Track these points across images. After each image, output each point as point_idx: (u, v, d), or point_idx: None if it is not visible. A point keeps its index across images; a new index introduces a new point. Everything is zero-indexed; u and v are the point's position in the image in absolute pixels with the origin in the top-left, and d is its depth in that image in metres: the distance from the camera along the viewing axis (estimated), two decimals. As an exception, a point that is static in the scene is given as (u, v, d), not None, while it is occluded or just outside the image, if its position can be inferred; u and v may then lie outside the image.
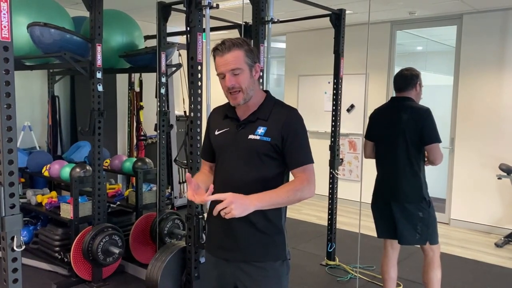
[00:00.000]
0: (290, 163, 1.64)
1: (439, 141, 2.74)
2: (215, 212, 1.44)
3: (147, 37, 4.46)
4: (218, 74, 1.65)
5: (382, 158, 2.92)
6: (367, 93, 5.95)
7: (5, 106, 1.88)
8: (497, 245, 4.68)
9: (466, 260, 4.19)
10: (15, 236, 1.92)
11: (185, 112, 5.56)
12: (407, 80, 2.86)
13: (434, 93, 6.04)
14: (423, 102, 2.97)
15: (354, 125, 6.03)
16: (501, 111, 4.95)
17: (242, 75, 1.61)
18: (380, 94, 5.88)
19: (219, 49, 1.61)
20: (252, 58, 1.64)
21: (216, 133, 1.75)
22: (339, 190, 4.17)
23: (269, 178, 1.63)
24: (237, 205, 1.42)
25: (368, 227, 4.85)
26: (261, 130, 1.64)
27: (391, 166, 2.83)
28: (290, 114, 1.67)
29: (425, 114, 2.74)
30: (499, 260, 4.28)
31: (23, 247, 1.95)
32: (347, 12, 3.97)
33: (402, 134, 2.76)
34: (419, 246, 2.90)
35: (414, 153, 2.76)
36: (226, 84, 1.61)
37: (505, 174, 4.63)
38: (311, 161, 1.65)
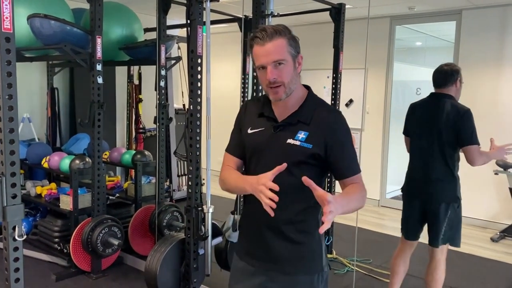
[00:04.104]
0: (342, 173, 1.51)
1: (476, 143, 2.63)
2: (323, 226, 1.22)
3: (146, 30, 4.46)
4: (257, 66, 1.48)
5: (418, 154, 2.82)
6: (366, 88, 5.96)
7: (7, 96, 1.89)
8: (493, 239, 4.72)
9: (461, 255, 4.22)
10: (17, 226, 1.93)
11: (184, 105, 5.58)
12: (447, 76, 2.75)
13: (433, 89, 6.06)
14: (422, 97, 2.98)
15: (353, 119, 6.02)
16: (500, 107, 4.97)
17: (285, 67, 1.45)
18: (379, 89, 5.90)
19: (259, 37, 1.43)
20: (295, 48, 1.48)
21: (249, 131, 1.59)
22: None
23: (305, 185, 1.45)
24: (335, 212, 1.24)
25: (365, 221, 4.90)
26: (302, 135, 1.48)
27: (426, 163, 2.74)
28: (336, 120, 1.51)
29: (465, 115, 2.63)
30: (494, 255, 4.33)
31: (24, 236, 1.97)
32: (346, 6, 3.97)
33: (439, 133, 2.68)
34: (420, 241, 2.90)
35: (450, 152, 2.68)
36: (268, 77, 1.44)
37: (502, 169, 4.67)
38: (359, 169, 1.53)
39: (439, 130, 2.69)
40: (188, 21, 2.73)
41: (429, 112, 2.76)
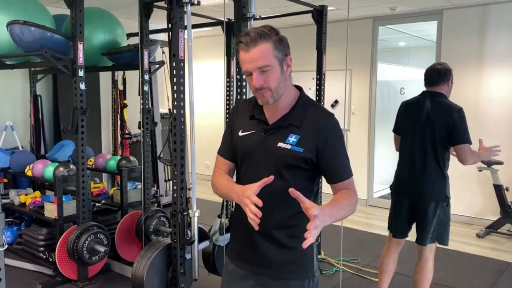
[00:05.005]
0: (332, 177, 1.49)
1: (469, 142, 2.66)
2: (306, 242, 1.20)
3: (130, 35, 4.44)
4: (244, 72, 1.45)
5: (408, 153, 2.81)
6: (350, 88, 6.01)
7: (-16, 104, 1.87)
8: (478, 235, 4.78)
9: (448, 251, 4.25)
10: (-3, 236, 1.90)
11: (169, 109, 5.55)
12: (440, 74, 2.78)
13: (417, 88, 6.12)
14: (406, 96, 3.00)
15: (339, 120, 6.07)
16: (481, 104, 5.05)
17: (271, 72, 1.41)
18: (363, 89, 5.95)
19: (243, 42, 1.39)
20: (283, 50, 1.43)
21: (240, 134, 1.56)
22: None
23: (297, 189, 1.41)
24: (321, 225, 1.23)
25: (353, 220, 4.92)
26: (292, 138, 1.45)
27: (417, 162, 2.75)
28: (327, 123, 1.48)
29: (459, 114, 2.65)
30: (480, 250, 4.38)
31: (6, 246, 1.94)
32: (329, 8, 4.00)
33: (432, 131, 2.69)
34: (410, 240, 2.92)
35: (441, 150, 2.70)
36: (254, 83, 1.42)
37: (486, 166, 4.73)
38: (352, 173, 1.52)
39: (432, 128, 2.70)
40: (170, 25, 2.73)
41: (422, 110, 2.77)
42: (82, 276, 3.42)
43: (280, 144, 1.46)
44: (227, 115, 3.83)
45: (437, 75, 2.80)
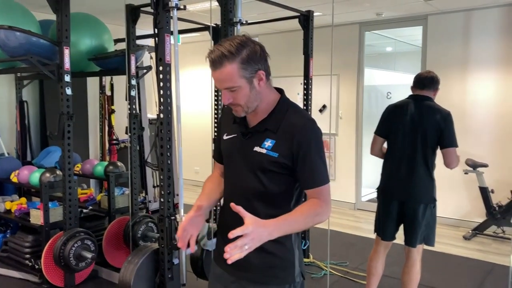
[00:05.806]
0: (304, 183, 1.47)
1: (456, 146, 2.74)
2: (229, 260, 1.25)
3: (117, 40, 4.44)
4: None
5: (397, 155, 2.84)
6: (338, 93, 6.06)
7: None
8: (465, 237, 4.84)
9: (436, 253, 4.29)
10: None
11: (158, 115, 5.55)
12: (433, 81, 2.88)
13: (403, 92, 6.19)
14: (392, 101, 3.04)
15: (326, 125, 6.11)
16: (466, 108, 5.12)
17: (239, 91, 1.40)
18: (351, 94, 6.00)
19: (209, 59, 1.39)
20: (251, 67, 1.39)
21: (224, 137, 1.60)
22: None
23: (275, 193, 1.49)
24: (255, 242, 1.26)
25: (342, 224, 4.94)
26: (268, 143, 1.46)
27: (406, 164, 2.78)
28: (303, 128, 1.45)
29: (448, 117, 2.73)
30: (467, 252, 4.43)
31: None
32: (316, 14, 4.04)
33: (423, 133, 2.73)
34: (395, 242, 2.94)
35: (430, 153, 2.75)
36: (223, 101, 1.45)
37: (471, 169, 4.79)
38: (327, 180, 1.47)
39: (423, 131, 2.74)
40: (156, 30, 2.73)
41: (412, 113, 2.80)
42: (69, 283, 3.39)
43: (256, 148, 1.47)
44: (216, 121, 3.84)
45: (431, 80, 2.88)
